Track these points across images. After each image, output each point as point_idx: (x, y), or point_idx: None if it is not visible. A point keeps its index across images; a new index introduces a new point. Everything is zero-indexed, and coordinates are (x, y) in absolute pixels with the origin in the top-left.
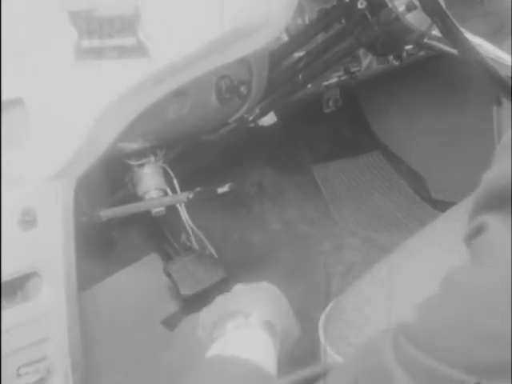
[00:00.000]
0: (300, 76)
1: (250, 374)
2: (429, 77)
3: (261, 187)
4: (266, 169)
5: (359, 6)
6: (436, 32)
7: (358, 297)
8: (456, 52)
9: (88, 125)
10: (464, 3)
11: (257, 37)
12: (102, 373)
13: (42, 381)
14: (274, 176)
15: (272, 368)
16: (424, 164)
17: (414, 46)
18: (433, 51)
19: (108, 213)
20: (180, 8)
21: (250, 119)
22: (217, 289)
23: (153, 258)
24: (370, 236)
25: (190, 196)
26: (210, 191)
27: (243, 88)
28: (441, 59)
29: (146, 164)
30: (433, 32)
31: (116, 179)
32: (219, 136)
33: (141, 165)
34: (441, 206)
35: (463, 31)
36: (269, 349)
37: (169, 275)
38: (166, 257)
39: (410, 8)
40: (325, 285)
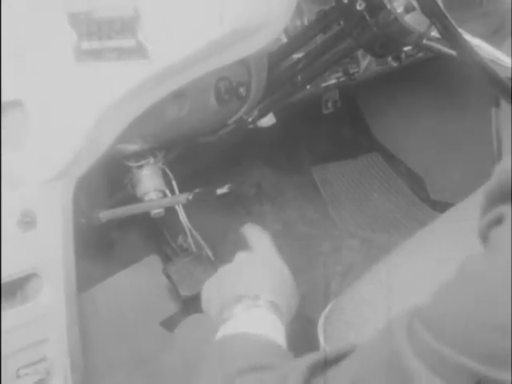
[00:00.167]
0: (299, 77)
1: (265, 349)
2: (427, 78)
3: (260, 188)
4: (265, 170)
5: (358, 8)
6: (435, 33)
7: (358, 297)
8: (455, 53)
9: (88, 126)
10: (463, 4)
11: (256, 38)
12: (102, 374)
13: (42, 382)
14: (273, 177)
15: (283, 344)
16: (423, 165)
17: (413, 48)
18: (431, 52)
19: (107, 214)
20: (179, 9)
21: (249, 120)
22: None
23: (152, 259)
24: (369, 237)
25: (190, 197)
26: (209, 192)
27: (242, 89)
28: (439, 60)
29: (145, 165)
30: (431, 33)
31: (115, 181)
32: (218, 137)
33: (140, 166)
34: (440, 207)
35: (462, 32)
36: (278, 327)
37: (168, 276)
38: (166, 258)
39: (409, 9)
40: (324, 285)
